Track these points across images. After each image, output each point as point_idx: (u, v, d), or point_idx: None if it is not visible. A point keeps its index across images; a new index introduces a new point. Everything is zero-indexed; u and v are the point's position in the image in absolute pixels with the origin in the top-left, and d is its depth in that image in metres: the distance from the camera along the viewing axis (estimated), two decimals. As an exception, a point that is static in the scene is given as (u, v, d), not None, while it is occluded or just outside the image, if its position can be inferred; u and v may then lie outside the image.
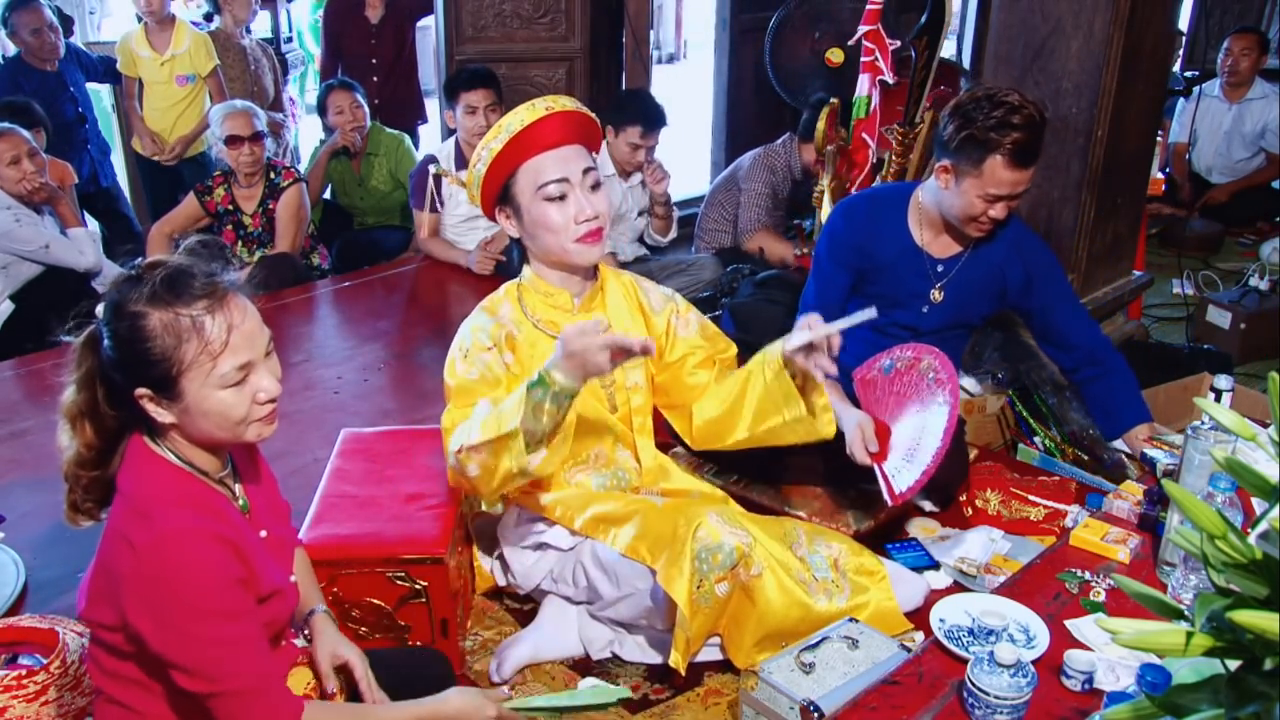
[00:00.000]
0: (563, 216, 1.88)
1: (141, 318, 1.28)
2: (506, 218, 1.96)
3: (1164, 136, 5.06)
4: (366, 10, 4.99)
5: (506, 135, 1.84)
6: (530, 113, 1.85)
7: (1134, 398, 2.45)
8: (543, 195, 1.87)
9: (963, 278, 2.44)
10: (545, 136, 1.86)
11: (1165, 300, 4.33)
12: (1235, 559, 0.83)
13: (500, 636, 2.09)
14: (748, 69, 5.34)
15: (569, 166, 1.87)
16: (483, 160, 1.89)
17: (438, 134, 5.01)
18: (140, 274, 1.31)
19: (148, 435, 1.36)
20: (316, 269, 4.08)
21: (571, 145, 1.89)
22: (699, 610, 1.82)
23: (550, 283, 1.99)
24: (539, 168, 1.87)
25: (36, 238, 3.45)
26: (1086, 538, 1.85)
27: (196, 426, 1.33)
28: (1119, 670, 1.49)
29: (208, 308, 1.29)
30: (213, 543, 1.29)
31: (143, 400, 1.31)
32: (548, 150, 1.87)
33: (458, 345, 1.94)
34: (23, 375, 3.08)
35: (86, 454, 1.35)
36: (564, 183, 1.87)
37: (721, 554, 1.80)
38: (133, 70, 4.69)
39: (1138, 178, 3.39)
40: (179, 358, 1.28)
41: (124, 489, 1.34)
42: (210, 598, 1.28)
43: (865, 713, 1.45)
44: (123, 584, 1.28)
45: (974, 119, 2.19)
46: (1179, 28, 5.19)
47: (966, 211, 2.29)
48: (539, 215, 1.89)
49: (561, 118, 1.87)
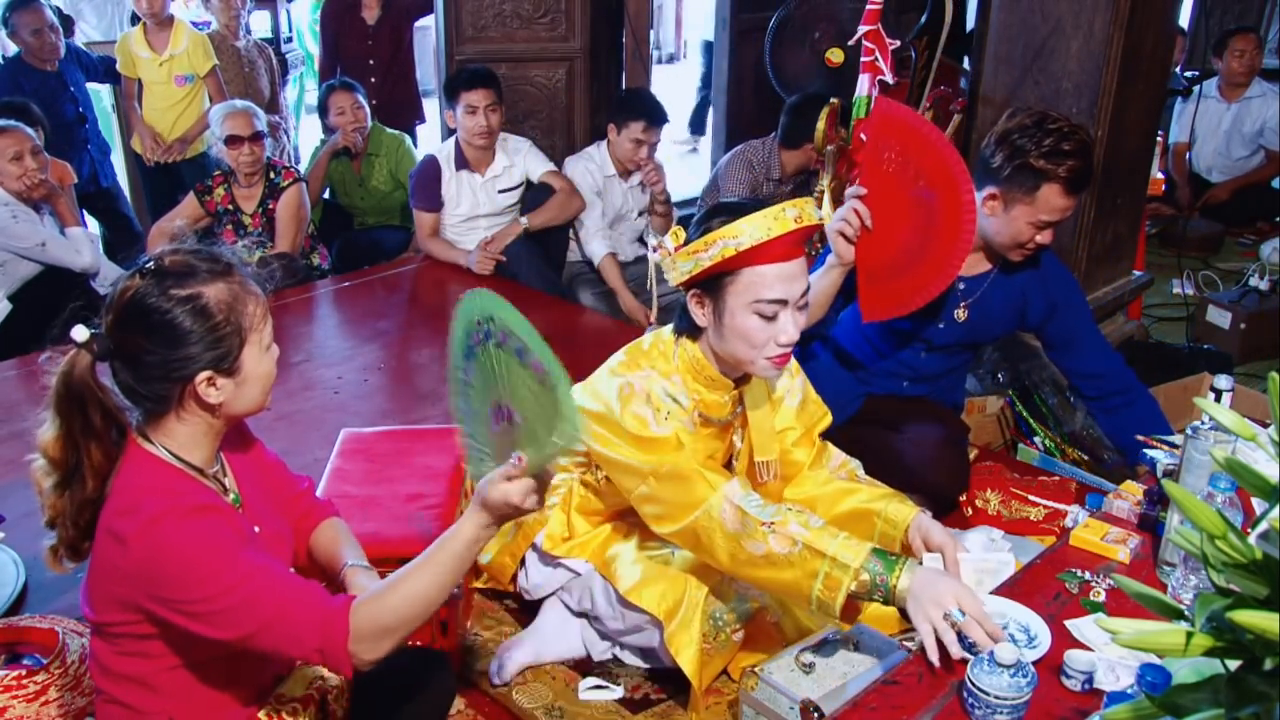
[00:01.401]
0: (765, 334, 1.74)
1: (198, 298, 1.30)
2: (699, 304, 1.79)
3: (1164, 136, 5.05)
4: (363, 11, 4.99)
5: (750, 242, 1.67)
6: (779, 223, 1.68)
7: (1162, 422, 2.42)
8: (755, 309, 1.73)
9: (988, 299, 2.41)
10: (780, 248, 1.70)
11: (1165, 300, 4.33)
12: (1235, 559, 0.83)
13: (500, 636, 2.09)
14: (748, 69, 5.34)
15: (792, 287, 1.73)
16: (711, 255, 1.70)
17: (436, 134, 5.01)
18: (161, 267, 1.32)
19: (140, 436, 1.36)
20: (316, 269, 4.08)
21: (799, 260, 1.75)
22: (713, 657, 1.85)
23: (715, 369, 1.86)
24: (764, 280, 1.71)
25: (33, 235, 3.45)
26: (1086, 538, 1.85)
27: (245, 398, 1.37)
28: (1119, 670, 1.49)
29: (237, 280, 1.35)
30: (198, 513, 1.30)
31: (201, 385, 1.32)
32: (777, 263, 1.71)
33: (643, 399, 1.79)
34: (23, 375, 3.08)
35: (94, 486, 1.32)
36: (780, 304, 1.73)
37: (738, 612, 1.85)
38: (132, 70, 4.68)
39: (1138, 178, 3.39)
40: (244, 325, 1.33)
41: (113, 488, 1.33)
42: (210, 559, 1.28)
43: (865, 713, 1.45)
44: (121, 577, 1.28)
45: (1025, 148, 2.15)
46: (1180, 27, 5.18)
47: (1015, 239, 2.26)
48: (743, 324, 1.74)
49: (804, 231, 1.73)
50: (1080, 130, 2.19)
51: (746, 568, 1.70)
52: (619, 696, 1.94)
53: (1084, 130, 2.21)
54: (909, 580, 1.59)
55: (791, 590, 1.68)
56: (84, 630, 1.81)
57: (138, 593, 1.28)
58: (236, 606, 1.28)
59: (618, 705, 1.93)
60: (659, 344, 1.88)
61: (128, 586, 1.29)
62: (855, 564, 1.62)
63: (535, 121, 4.53)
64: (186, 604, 1.27)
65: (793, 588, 1.67)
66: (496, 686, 1.97)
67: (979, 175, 2.29)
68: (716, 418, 1.88)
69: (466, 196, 3.94)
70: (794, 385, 2.02)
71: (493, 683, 1.97)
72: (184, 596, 1.27)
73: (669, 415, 1.78)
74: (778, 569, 1.67)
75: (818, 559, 1.64)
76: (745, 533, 1.69)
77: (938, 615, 1.53)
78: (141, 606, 1.29)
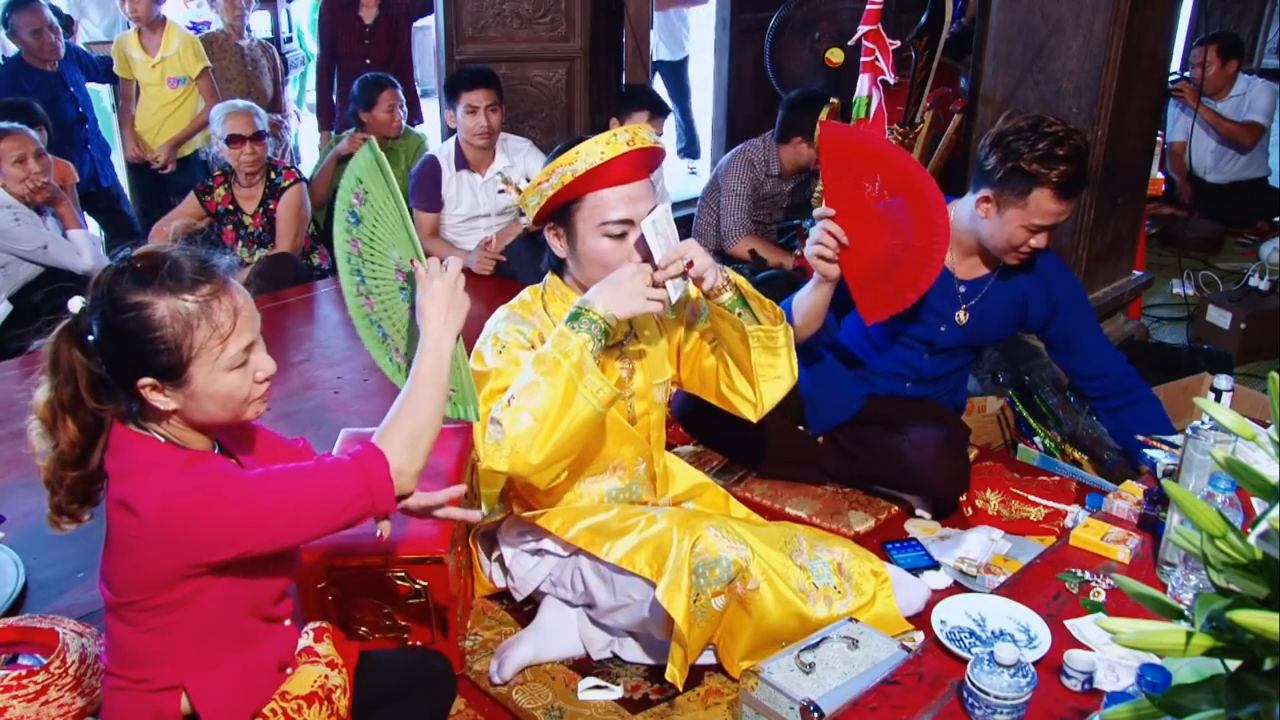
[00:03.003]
0: (618, 254, 1.85)
1: (146, 307, 1.28)
2: (556, 236, 1.92)
3: (1162, 136, 5.05)
4: (360, 10, 4.99)
5: (585, 165, 1.79)
6: (611, 146, 1.79)
7: (1165, 423, 2.43)
8: (604, 230, 1.84)
9: (988, 301, 2.42)
10: (618, 170, 1.81)
11: (1165, 300, 4.34)
12: (1235, 559, 0.83)
13: (500, 636, 2.09)
14: (748, 69, 5.34)
15: (636, 207, 1.83)
16: (552, 183, 1.83)
17: (435, 134, 5.01)
18: (133, 265, 1.31)
19: (134, 423, 1.37)
20: (316, 269, 4.08)
21: (641, 182, 1.85)
22: (695, 624, 1.83)
23: (579, 294, 1.93)
24: (607, 203, 1.83)
25: (35, 238, 3.45)
26: (1086, 538, 1.85)
27: (200, 410, 1.35)
28: (1119, 670, 1.49)
29: (212, 293, 1.31)
30: (197, 460, 1.33)
31: (145, 390, 1.31)
32: (618, 185, 1.83)
33: (489, 341, 1.90)
34: (23, 375, 3.08)
35: (70, 452, 1.34)
36: (627, 223, 1.83)
37: (719, 569, 1.81)
38: (128, 72, 4.68)
39: (1138, 178, 3.39)
40: (190, 344, 1.30)
41: (114, 470, 1.34)
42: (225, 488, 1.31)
43: (865, 713, 1.45)
44: (144, 546, 1.30)
45: (1019, 151, 2.15)
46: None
47: (1009, 241, 2.27)
48: (594, 248, 1.86)
49: (640, 154, 1.82)
50: (1076, 135, 2.18)
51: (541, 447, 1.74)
52: (618, 696, 1.94)
53: (1080, 135, 2.20)
54: (593, 295, 1.79)
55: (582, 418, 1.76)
56: (84, 630, 1.81)
57: (169, 554, 1.29)
58: (274, 510, 1.32)
59: (617, 705, 1.93)
60: (526, 294, 2.00)
61: (155, 552, 1.30)
62: (572, 339, 1.76)
63: (535, 121, 4.53)
64: (226, 537, 1.30)
65: (578, 417, 1.75)
66: (496, 686, 1.96)
67: (975, 177, 2.29)
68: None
69: (466, 196, 3.95)
70: (692, 307, 2.07)
71: (493, 682, 1.97)
72: (220, 532, 1.29)
73: (503, 349, 1.87)
74: (555, 421, 1.74)
75: (555, 371, 1.75)
76: (507, 426, 1.75)
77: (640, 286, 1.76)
78: (179, 569, 1.30)
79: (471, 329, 1.61)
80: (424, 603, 1.93)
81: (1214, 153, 5.25)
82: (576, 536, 1.95)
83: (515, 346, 1.88)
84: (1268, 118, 5.16)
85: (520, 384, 1.78)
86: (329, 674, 1.54)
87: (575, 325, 1.78)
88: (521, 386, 1.77)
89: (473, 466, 2.24)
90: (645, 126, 1.85)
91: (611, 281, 1.78)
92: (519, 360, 1.84)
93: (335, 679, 1.55)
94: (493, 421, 1.78)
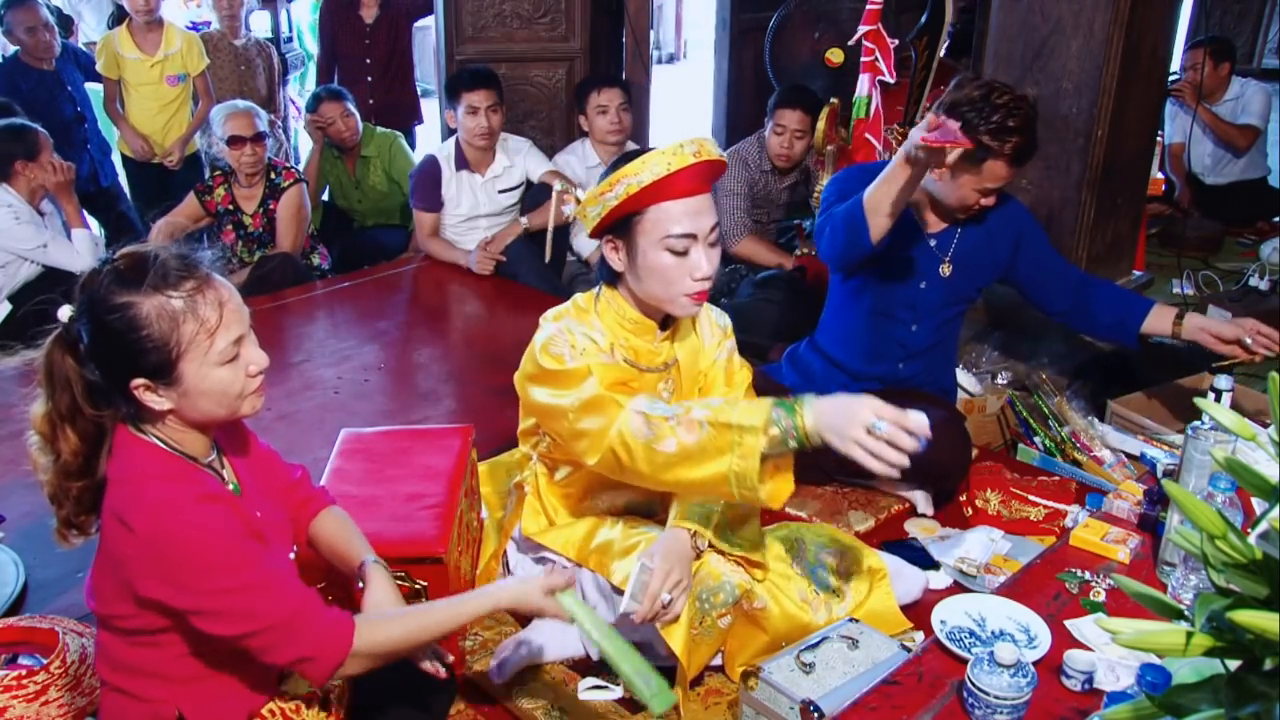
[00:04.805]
0: (680, 271, 1.78)
1: (131, 307, 1.28)
2: (614, 249, 1.84)
3: (1161, 137, 5.05)
4: (361, 10, 4.99)
5: (650, 177, 1.71)
6: (678, 158, 1.72)
7: (1130, 296, 2.62)
8: (666, 245, 1.76)
9: (965, 249, 2.49)
10: (683, 183, 1.74)
11: (1165, 300, 4.32)
12: (1235, 559, 0.83)
13: (500, 636, 2.09)
14: (748, 69, 5.34)
15: (700, 222, 1.77)
16: (616, 193, 1.75)
17: (435, 135, 5.01)
18: (115, 266, 1.31)
19: (133, 425, 1.36)
20: (316, 269, 4.08)
21: (704, 195, 1.79)
22: (700, 643, 1.84)
23: (638, 312, 1.89)
24: (670, 216, 1.75)
25: (35, 237, 3.45)
26: (1086, 538, 1.85)
27: (195, 408, 1.34)
28: (1119, 670, 1.49)
29: (196, 288, 1.31)
30: (206, 503, 1.31)
31: (138, 390, 1.31)
32: (682, 198, 1.75)
33: (562, 340, 1.83)
34: (23, 375, 3.07)
35: (74, 462, 1.33)
36: (690, 238, 1.76)
37: (723, 593, 1.83)
38: (114, 71, 4.64)
39: (1138, 178, 3.39)
40: (177, 340, 1.29)
41: (112, 474, 1.34)
42: (218, 552, 1.28)
43: (865, 713, 1.45)
44: (128, 564, 1.29)
45: (973, 123, 2.21)
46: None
47: (962, 201, 2.37)
48: (655, 262, 1.78)
49: (705, 167, 1.75)
50: (1024, 102, 2.27)
51: (666, 471, 1.71)
52: (618, 696, 1.94)
53: (1027, 103, 2.28)
54: (813, 415, 1.60)
55: (715, 480, 1.67)
56: (84, 630, 1.81)
57: (145, 580, 1.28)
58: (243, 607, 1.29)
59: (617, 705, 1.93)
60: (580, 300, 1.94)
61: (134, 573, 1.28)
62: (759, 421, 1.62)
63: (535, 121, 4.53)
64: (192, 595, 1.28)
65: (715, 478, 1.66)
66: (496, 686, 1.96)
67: None
68: (646, 365, 1.90)
69: (466, 197, 3.95)
70: (725, 345, 2.05)
71: (493, 682, 1.97)
72: (191, 586, 1.28)
73: (584, 351, 1.82)
74: (695, 462, 1.67)
75: (725, 432, 1.64)
76: (654, 436, 1.71)
77: (860, 432, 1.53)
78: (148, 597, 1.29)
79: (476, 330, 1.60)
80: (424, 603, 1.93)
81: (1212, 155, 5.25)
82: (586, 558, 1.96)
83: (594, 353, 1.83)
84: (1263, 120, 5.16)
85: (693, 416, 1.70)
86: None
87: (778, 418, 1.63)
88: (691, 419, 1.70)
89: (472, 467, 2.25)
90: (710, 139, 1.79)
91: (845, 410, 1.58)
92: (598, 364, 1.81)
93: (333, 680, 1.55)
94: (641, 416, 1.72)
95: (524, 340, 1.92)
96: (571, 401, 1.78)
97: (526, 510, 2.08)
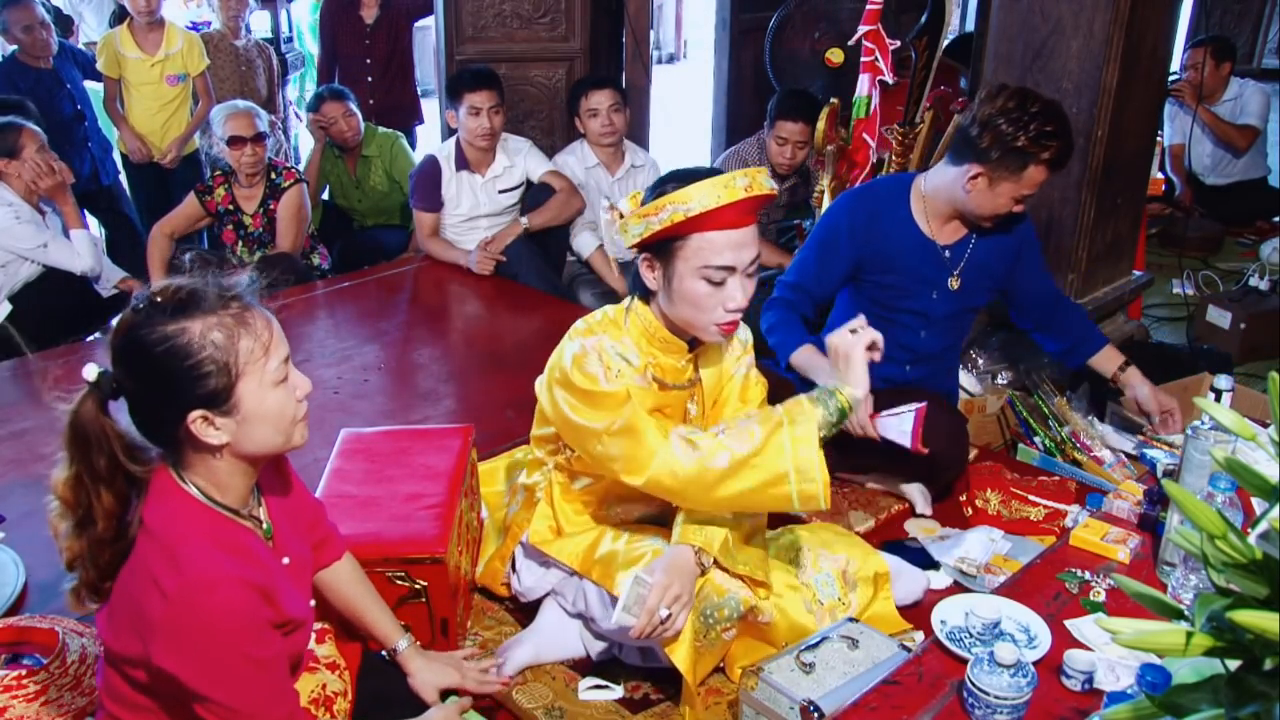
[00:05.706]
0: (714, 300, 1.75)
1: (182, 334, 1.24)
2: (649, 267, 1.80)
3: (1161, 137, 5.06)
4: (361, 10, 4.99)
5: (699, 207, 1.67)
6: (729, 191, 1.68)
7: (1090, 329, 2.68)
8: (703, 274, 1.73)
9: (975, 262, 2.51)
10: (730, 215, 1.71)
11: (1165, 300, 4.33)
12: (1235, 559, 0.83)
13: (500, 637, 2.09)
14: (748, 69, 5.34)
15: (741, 255, 1.74)
16: (661, 218, 1.70)
17: (436, 135, 5.01)
18: (153, 301, 1.27)
19: (175, 471, 1.32)
20: (317, 269, 4.08)
21: (749, 228, 1.76)
22: (704, 654, 1.84)
23: (667, 331, 1.86)
24: (713, 246, 1.72)
25: (35, 236, 3.45)
26: (1086, 538, 1.85)
27: (252, 439, 1.30)
28: (1119, 670, 1.49)
29: (242, 308, 1.29)
30: (242, 589, 1.27)
31: (195, 424, 1.26)
32: (726, 230, 1.72)
33: (594, 359, 1.79)
34: (23, 375, 3.08)
35: (107, 529, 1.27)
36: (729, 270, 1.73)
37: (728, 609, 1.83)
38: (115, 71, 4.64)
39: (1138, 178, 3.39)
40: (235, 358, 1.26)
41: (151, 525, 1.29)
42: (242, 644, 1.27)
43: (865, 713, 1.45)
44: (154, 628, 1.25)
45: (1013, 134, 2.25)
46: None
47: (995, 210, 2.38)
48: (691, 289, 1.75)
49: (754, 200, 1.72)
50: (1056, 106, 2.31)
51: (719, 488, 1.73)
52: (619, 696, 1.94)
53: (1058, 104, 2.33)
54: (835, 380, 1.76)
55: (774, 480, 1.72)
56: (84, 630, 1.81)
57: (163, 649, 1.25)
58: (246, 708, 1.29)
59: (617, 705, 1.93)
60: (611, 312, 1.91)
61: (154, 637, 1.25)
62: (804, 407, 1.72)
63: (535, 121, 4.53)
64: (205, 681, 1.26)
65: (774, 478, 1.71)
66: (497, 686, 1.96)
67: (961, 151, 2.37)
68: (673, 383, 1.89)
69: (467, 197, 3.95)
70: (744, 360, 2.03)
71: (493, 683, 1.97)
72: (206, 673, 1.26)
73: (619, 373, 1.80)
74: (751, 471, 1.71)
75: (777, 430, 1.70)
76: (704, 455, 1.73)
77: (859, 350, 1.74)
78: (160, 667, 1.26)
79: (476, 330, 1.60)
80: (424, 603, 1.93)
81: (1212, 155, 5.25)
82: (589, 569, 1.95)
83: (630, 374, 1.82)
84: (1262, 120, 5.17)
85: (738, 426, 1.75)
86: (329, 679, 1.54)
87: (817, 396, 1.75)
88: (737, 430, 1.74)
89: (472, 467, 2.24)
90: (763, 171, 1.77)
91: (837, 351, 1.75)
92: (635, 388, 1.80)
93: (335, 684, 1.55)
94: (686, 441, 1.75)
95: (524, 340, 1.92)
96: (606, 425, 1.76)
97: (536, 516, 2.06)
